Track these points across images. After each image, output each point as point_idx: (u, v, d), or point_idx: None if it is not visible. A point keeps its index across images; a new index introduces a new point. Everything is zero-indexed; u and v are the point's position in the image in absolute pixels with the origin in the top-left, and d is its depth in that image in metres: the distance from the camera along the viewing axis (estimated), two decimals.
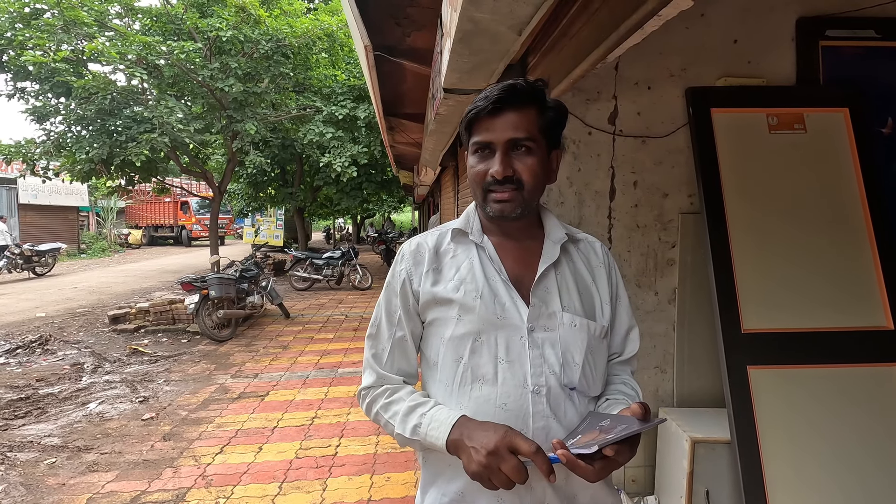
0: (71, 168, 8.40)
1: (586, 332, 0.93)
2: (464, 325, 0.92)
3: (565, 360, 0.91)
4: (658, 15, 1.11)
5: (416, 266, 0.98)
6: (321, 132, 9.69)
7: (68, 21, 7.47)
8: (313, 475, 2.99)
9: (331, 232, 23.63)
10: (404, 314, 0.98)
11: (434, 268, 0.97)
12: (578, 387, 0.92)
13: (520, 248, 0.97)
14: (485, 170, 0.91)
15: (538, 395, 0.89)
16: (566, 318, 0.92)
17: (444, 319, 0.94)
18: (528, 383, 0.89)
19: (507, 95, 0.89)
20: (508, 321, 0.91)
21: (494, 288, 0.93)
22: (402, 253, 1.01)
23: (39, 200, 17.42)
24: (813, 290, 1.82)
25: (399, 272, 0.99)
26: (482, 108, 0.90)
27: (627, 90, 2.06)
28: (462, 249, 0.98)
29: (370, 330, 1.03)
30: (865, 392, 1.73)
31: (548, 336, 0.92)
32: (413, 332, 0.99)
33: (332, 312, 8.04)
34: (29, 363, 5.38)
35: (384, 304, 1.01)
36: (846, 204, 1.89)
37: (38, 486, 2.91)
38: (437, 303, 0.95)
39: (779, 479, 1.64)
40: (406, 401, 0.95)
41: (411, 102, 4.76)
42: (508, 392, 0.89)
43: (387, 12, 2.70)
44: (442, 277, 0.96)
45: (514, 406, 0.88)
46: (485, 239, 0.98)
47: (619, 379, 1.01)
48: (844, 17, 1.99)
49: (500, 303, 0.92)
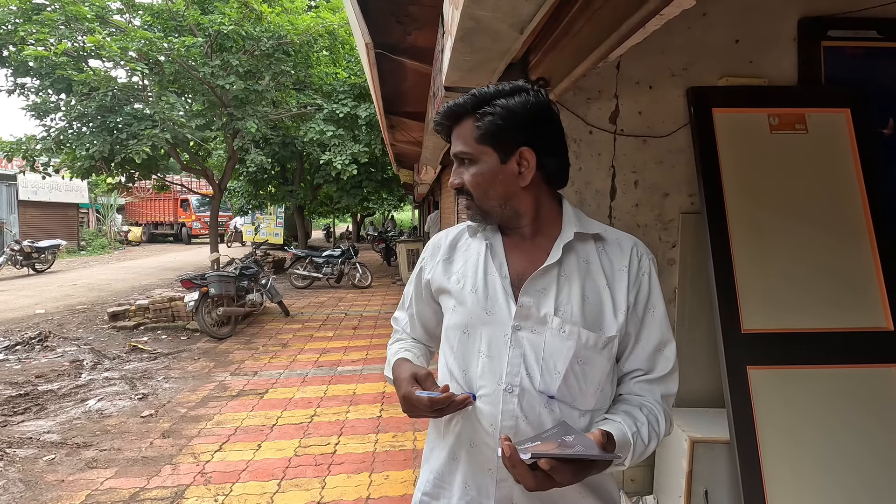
0: (71, 165, 8.39)
1: (575, 341, 0.88)
2: (457, 316, 0.97)
3: (546, 367, 0.89)
4: (660, 14, 1.11)
5: (431, 257, 1.07)
6: (322, 130, 9.68)
7: (69, 16, 7.45)
8: (312, 473, 2.99)
9: (331, 230, 23.62)
10: (415, 297, 1.12)
11: (446, 258, 1.04)
12: (558, 396, 0.89)
13: (530, 245, 0.96)
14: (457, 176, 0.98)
15: (510, 394, 0.89)
16: (555, 322, 0.89)
17: (446, 308, 1.01)
18: (502, 380, 0.89)
19: (442, 118, 0.96)
20: (496, 317, 0.92)
21: (490, 283, 0.94)
22: (429, 244, 1.11)
23: (39, 197, 17.41)
24: (813, 290, 1.82)
25: (420, 261, 1.11)
26: (438, 131, 1.00)
27: (629, 89, 2.06)
28: (474, 244, 1.02)
29: (401, 300, 1.18)
30: (865, 393, 1.73)
31: (532, 338, 0.90)
32: (420, 313, 1.11)
33: (331, 311, 8.04)
34: (28, 360, 5.38)
35: (409, 284, 1.14)
36: (847, 205, 1.89)
37: (36, 482, 2.91)
38: (442, 291, 1.03)
39: (778, 480, 1.64)
40: (394, 348, 1.10)
41: (412, 101, 4.75)
42: (485, 385, 0.91)
43: (388, 10, 2.70)
44: (450, 269, 1.02)
45: (489, 401, 0.90)
46: (495, 235, 0.99)
47: (638, 400, 0.93)
48: (846, 18, 1.98)
49: (493, 298, 0.93)
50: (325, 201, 16.15)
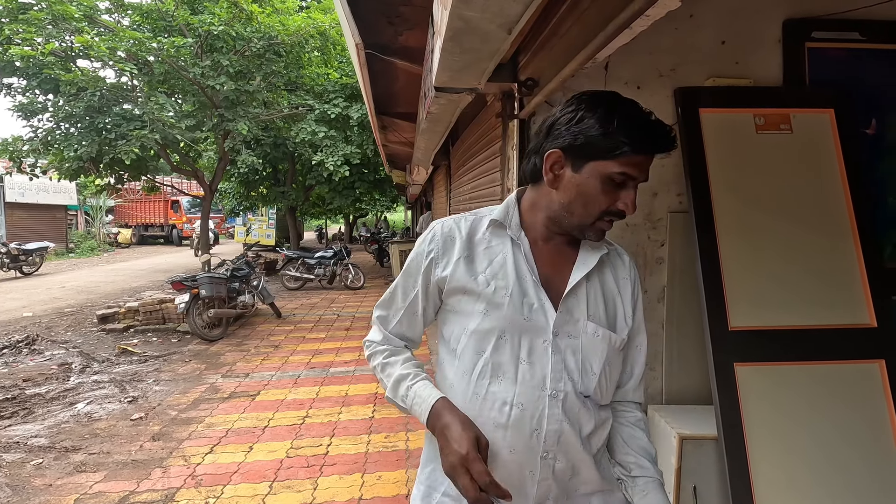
0: (59, 166, 8.30)
1: (607, 344, 0.94)
2: (490, 321, 0.92)
3: (584, 369, 0.93)
4: (645, 15, 1.12)
5: (444, 251, 0.97)
6: (313, 131, 9.65)
7: (56, 16, 7.37)
8: (304, 474, 2.98)
9: (323, 231, 23.53)
10: (422, 293, 1.00)
11: (466, 256, 0.96)
12: (593, 395, 0.94)
13: (554, 249, 0.97)
14: (612, 199, 0.88)
15: (555, 399, 0.90)
16: (590, 327, 0.93)
17: (470, 312, 0.94)
18: (546, 387, 0.90)
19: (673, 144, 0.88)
20: (534, 323, 0.91)
21: (524, 288, 0.93)
22: (434, 233, 0.99)
23: (27, 199, 17.18)
24: (799, 288, 1.84)
25: (426, 252, 0.98)
26: (652, 147, 0.86)
27: (617, 89, 2.03)
28: (497, 242, 0.96)
29: (385, 295, 1.06)
30: (849, 388, 1.76)
31: (570, 343, 0.92)
32: (426, 310, 1.02)
33: (323, 312, 8.01)
34: (16, 363, 5.31)
35: (404, 277, 1.02)
36: (831, 203, 1.92)
37: (24, 486, 2.88)
38: (464, 293, 0.95)
39: (764, 475, 1.67)
40: (398, 368, 0.99)
41: (404, 101, 4.75)
42: (526, 392, 0.90)
43: (379, 11, 2.70)
44: (473, 268, 0.95)
45: (531, 407, 0.90)
46: (522, 235, 0.96)
47: (628, 430, 1.01)
48: (830, 20, 2.02)
49: (529, 303, 0.92)
50: (318, 202, 16.10)
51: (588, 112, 0.87)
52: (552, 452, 0.90)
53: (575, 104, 0.90)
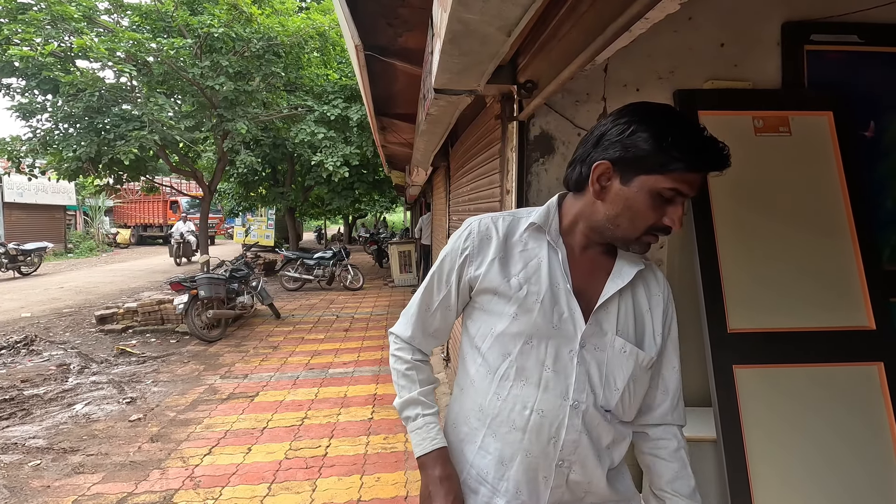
0: (57, 166, 8.29)
1: (634, 360, 0.93)
2: (518, 325, 0.92)
3: (607, 383, 0.92)
4: (644, 18, 1.12)
5: (480, 250, 0.97)
6: (313, 132, 9.65)
7: (56, 16, 7.36)
8: (303, 476, 2.98)
9: (322, 232, 23.51)
10: (455, 288, 1.00)
11: (500, 257, 0.95)
12: (614, 410, 0.93)
13: (591, 258, 0.96)
14: (660, 214, 0.87)
15: (576, 409, 0.90)
16: (618, 342, 0.92)
17: (500, 313, 0.94)
18: (569, 396, 0.90)
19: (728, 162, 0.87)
20: (563, 332, 0.91)
21: (556, 295, 0.92)
22: (470, 230, 0.99)
23: (25, 199, 17.15)
24: (797, 290, 1.85)
25: (462, 248, 0.98)
26: (707, 165, 0.84)
27: (616, 92, 2.07)
28: (535, 245, 0.96)
29: (420, 289, 1.06)
30: (848, 390, 1.76)
31: (597, 356, 0.92)
32: (458, 304, 1.02)
33: (322, 313, 8.00)
34: (13, 364, 5.30)
35: (438, 271, 1.02)
36: (830, 205, 1.92)
37: (22, 488, 2.87)
38: (495, 293, 0.94)
39: (763, 477, 1.67)
40: (416, 389, 1.02)
41: (403, 103, 4.75)
42: (548, 399, 0.90)
43: (378, 12, 2.70)
44: (507, 270, 0.94)
45: (551, 414, 0.90)
46: (560, 241, 0.95)
47: (665, 465, 1.01)
48: (828, 22, 2.02)
49: (559, 311, 0.91)
50: (317, 203, 16.08)
51: (641, 125, 0.84)
52: (567, 461, 0.91)
53: (628, 116, 0.87)
